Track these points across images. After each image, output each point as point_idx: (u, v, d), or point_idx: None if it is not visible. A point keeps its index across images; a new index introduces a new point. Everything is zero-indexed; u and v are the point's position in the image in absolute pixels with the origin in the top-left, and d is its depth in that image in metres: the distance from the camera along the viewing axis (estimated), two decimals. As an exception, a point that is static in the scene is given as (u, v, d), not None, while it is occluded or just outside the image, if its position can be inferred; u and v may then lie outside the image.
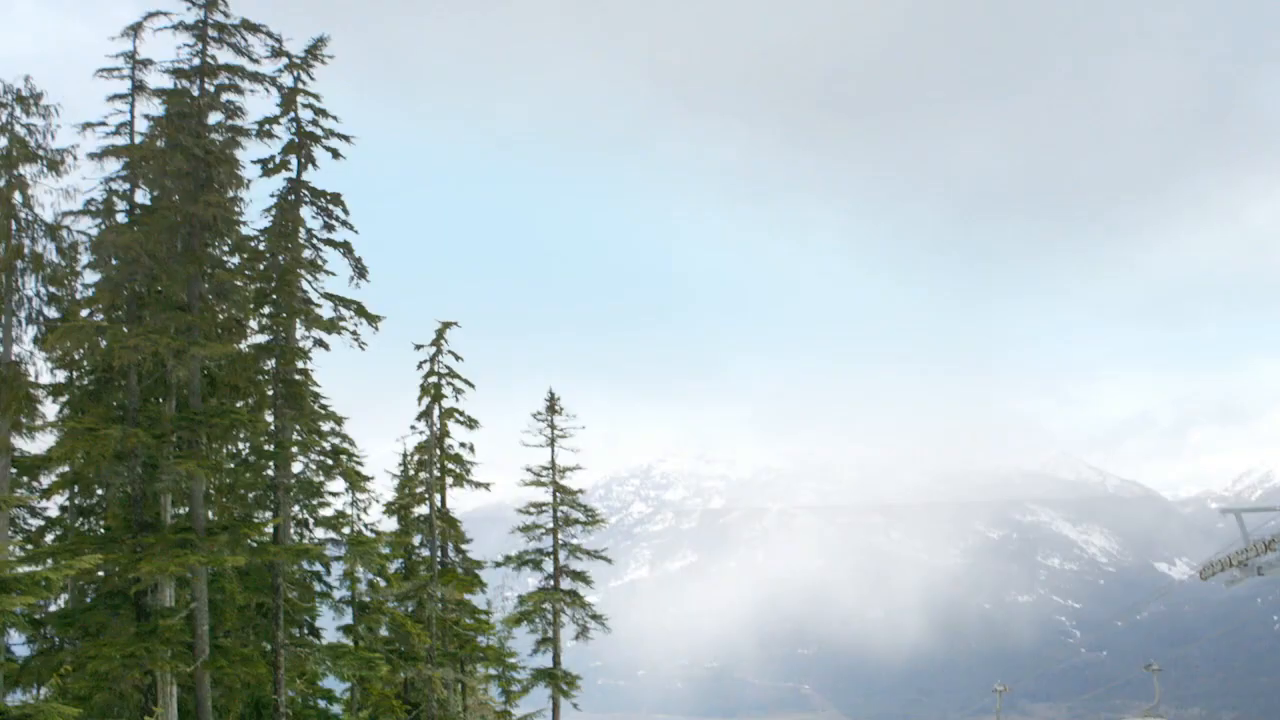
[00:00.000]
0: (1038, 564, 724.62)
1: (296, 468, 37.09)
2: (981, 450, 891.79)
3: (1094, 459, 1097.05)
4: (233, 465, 37.13)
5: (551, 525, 56.63)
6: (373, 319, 37.26)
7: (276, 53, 35.53)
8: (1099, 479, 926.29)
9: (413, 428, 51.44)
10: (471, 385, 51.61)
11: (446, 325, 51.53)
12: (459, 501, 53.00)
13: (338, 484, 38.68)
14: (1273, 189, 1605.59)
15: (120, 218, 34.22)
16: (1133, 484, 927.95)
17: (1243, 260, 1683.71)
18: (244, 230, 35.44)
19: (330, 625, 42.04)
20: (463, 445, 52.35)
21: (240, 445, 37.18)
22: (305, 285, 36.66)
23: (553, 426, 56.16)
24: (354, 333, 37.05)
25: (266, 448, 36.43)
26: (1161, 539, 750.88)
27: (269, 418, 36.56)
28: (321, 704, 42.11)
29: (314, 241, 36.86)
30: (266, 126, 35.74)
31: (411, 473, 51.90)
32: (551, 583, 56.54)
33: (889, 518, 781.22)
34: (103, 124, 33.84)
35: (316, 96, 36.54)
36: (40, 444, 35.92)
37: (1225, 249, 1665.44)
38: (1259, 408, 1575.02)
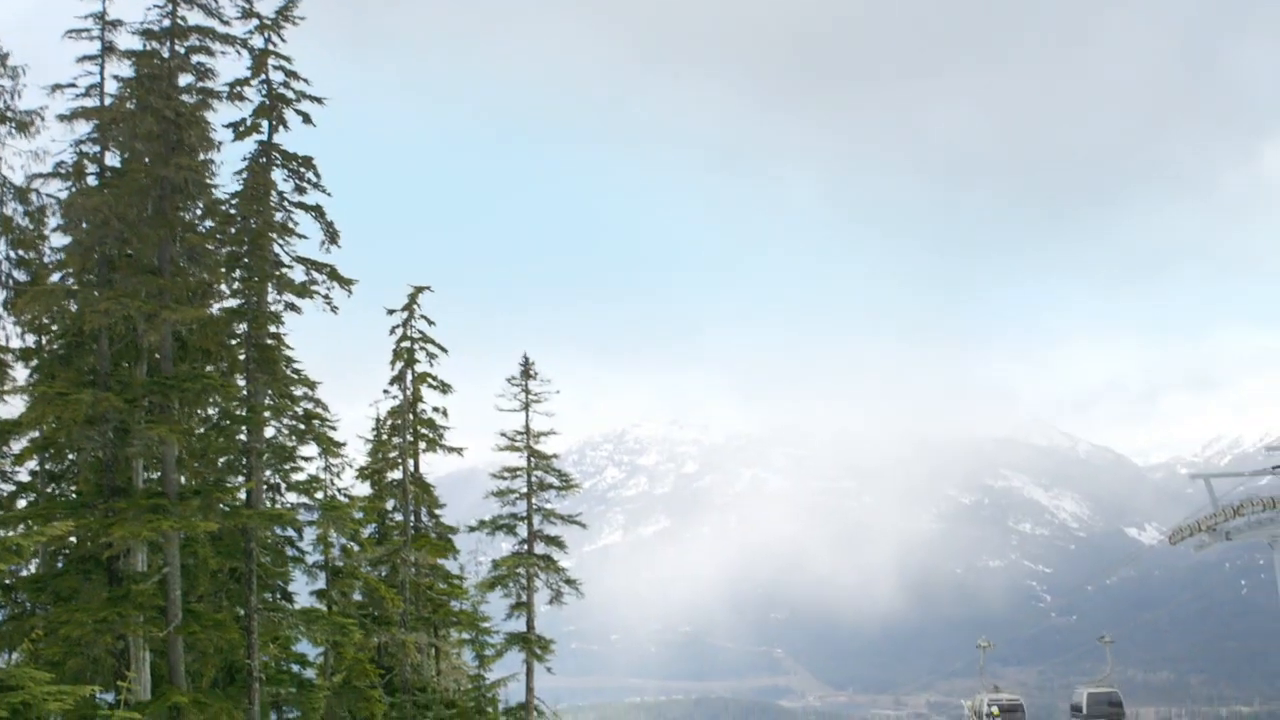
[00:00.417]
0: (1009, 529, 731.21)
1: (269, 432, 36.98)
2: (954, 416, 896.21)
3: (1066, 425, 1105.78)
4: (204, 430, 36.99)
5: (525, 490, 56.66)
6: (345, 283, 37.06)
7: (247, 14, 35.19)
8: (1070, 444, 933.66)
9: (385, 392, 51.40)
10: (444, 350, 51.56)
11: (419, 290, 51.39)
12: (432, 466, 53.04)
13: (310, 449, 38.58)
14: (1246, 157, 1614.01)
15: (90, 180, 33.92)
16: (1104, 450, 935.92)
17: (1216, 228, 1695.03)
18: (215, 193, 35.18)
19: (303, 590, 42.03)
20: (436, 410, 52.34)
21: (212, 410, 37.04)
22: (277, 249, 36.41)
23: (527, 391, 56.13)
24: (326, 297, 36.84)
25: (239, 412, 36.27)
26: (1132, 504, 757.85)
27: (241, 382, 36.41)
28: (295, 668, 42.05)
29: (285, 205, 36.59)
30: (237, 89, 35.40)
31: (384, 437, 51.84)
32: (525, 547, 56.61)
33: (862, 483, 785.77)
34: (72, 85, 33.45)
35: (287, 59, 36.21)
36: (10, 409, 35.76)
37: (1199, 217, 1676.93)
38: (1229, 375, 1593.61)
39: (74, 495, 36.47)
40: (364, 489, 50.68)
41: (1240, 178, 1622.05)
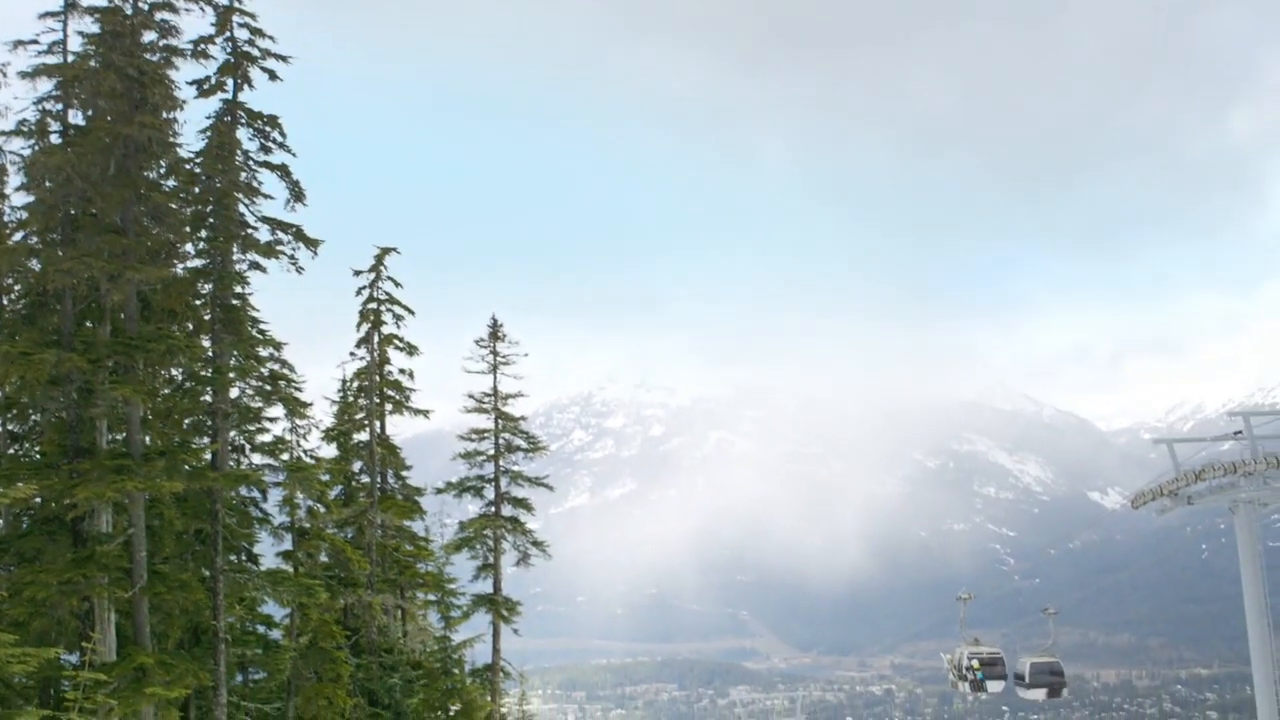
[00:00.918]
0: (974, 493, 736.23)
1: (234, 393, 36.81)
2: (921, 380, 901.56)
3: (1031, 389, 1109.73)
4: (169, 391, 36.81)
5: (493, 452, 56.78)
6: (311, 243, 36.84)
7: (211, -30, 34.84)
8: (1035, 409, 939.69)
9: (352, 354, 51.30)
10: (411, 312, 51.45)
11: (386, 251, 51.21)
12: (399, 428, 53.01)
13: (276, 410, 38.45)
14: (1209, 125, 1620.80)
15: (53, 139, 33.56)
16: (1068, 414, 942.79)
17: (1180, 195, 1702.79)
18: (179, 152, 34.85)
19: (269, 551, 41.97)
20: (402, 372, 52.28)
21: (177, 371, 36.86)
22: (242, 208, 36.16)
23: (495, 353, 56.19)
24: (292, 257, 36.62)
25: (204, 373, 36.12)
26: (1095, 468, 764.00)
27: (206, 343, 36.21)
28: (261, 629, 42.05)
29: (250, 164, 36.30)
30: (202, 46, 35.00)
31: (351, 399, 51.76)
32: (492, 509, 56.74)
33: (828, 447, 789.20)
34: (34, 42, 33.00)
35: (252, 16, 35.86)
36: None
37: (1163, 183, 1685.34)
38: (1193, 340, 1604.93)
39: (38, 456, 36.24)
40: (330, 451, 50.64)
41: (1205, 145, 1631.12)
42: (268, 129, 36.33)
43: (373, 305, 50.95)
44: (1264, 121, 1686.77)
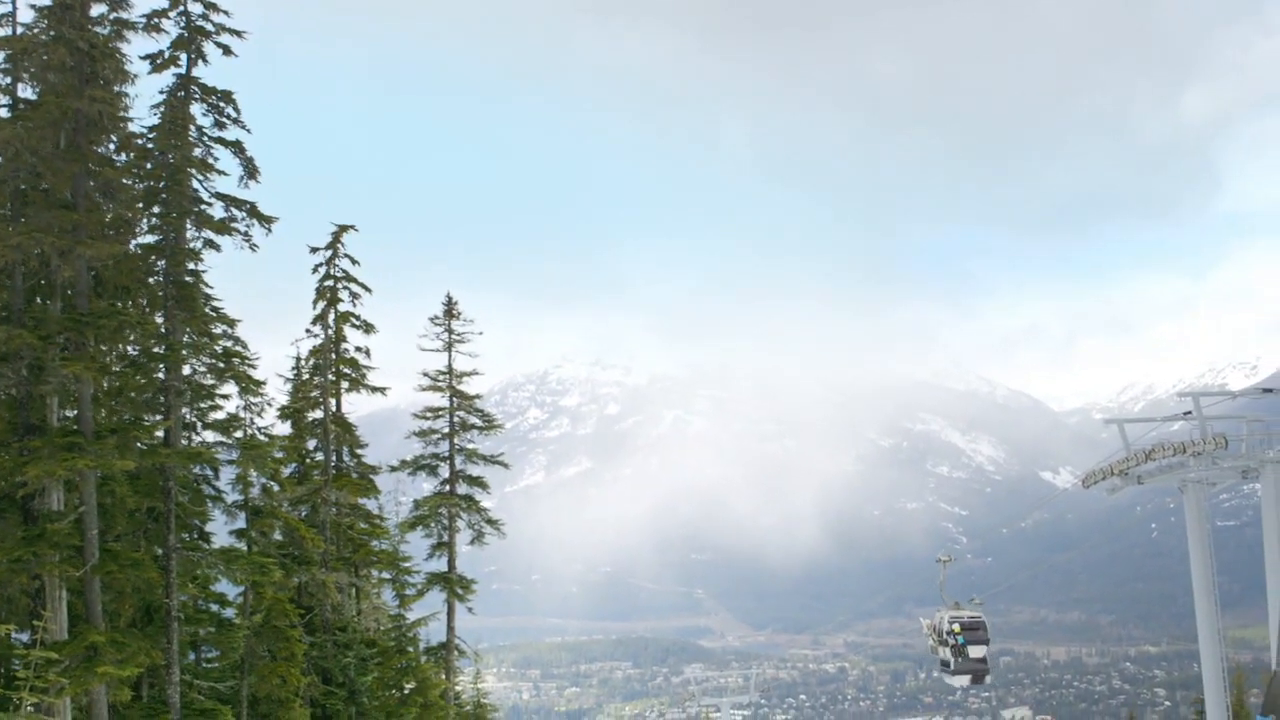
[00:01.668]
0: (927, 472, 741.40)
1: (187, 370, 36.57)
2: (875, 359, 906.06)
3: (985, 369, 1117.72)
4: (122, 368, 36.52)
5: (448, 430, 56.71)
6: (266, 220, 36.60)
7: (164, -57, 34.48)
8: (988, 389, 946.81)
9: (308, 331, 50.95)
10: (368, 289, 51.16)
11: (343, 229, 50.90)
12: (355, 406, 52.73)
13: (230, 387, 38.22)
14: (1164, 106, 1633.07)
15: (2, 112, 33.19)
16: (1021, 394, 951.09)
17: (1135, 176, 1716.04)
18: (132, 127, 34.52)
19: (222, 530, 41.71)
20: (358, 350, 51.99)
21: (130, 348, 36.57)
22: (196, 185, 35.87)
23: (450, 331, 56.09)
24: (246, 234, 36.36)
25: (156, 350, 35.84)
26: (1047, 448, 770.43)
27: (159, 320, 35.94)
28: (214, 608, 41.80)
29: (205, 140, 36.00)
30: (154, 20, 34.61)
31: (306, 377, 51.47)
32: (447, 487, 56.69)
33: (784, 426, 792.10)
34: (-17, 14, 32.67)
35: (206, -11, 35.54)
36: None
37: (1119, 165, 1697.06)
38: (1145, 321, 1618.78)
39: (-13, 433, 35.89)
40: (285, 428, 50.35)
41: (1160, 126, 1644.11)
42: (222, 104, 36.00)
43: (329, 282, 50.65)
44: (1218, 104, 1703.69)
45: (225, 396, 38.61)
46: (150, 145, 35.32)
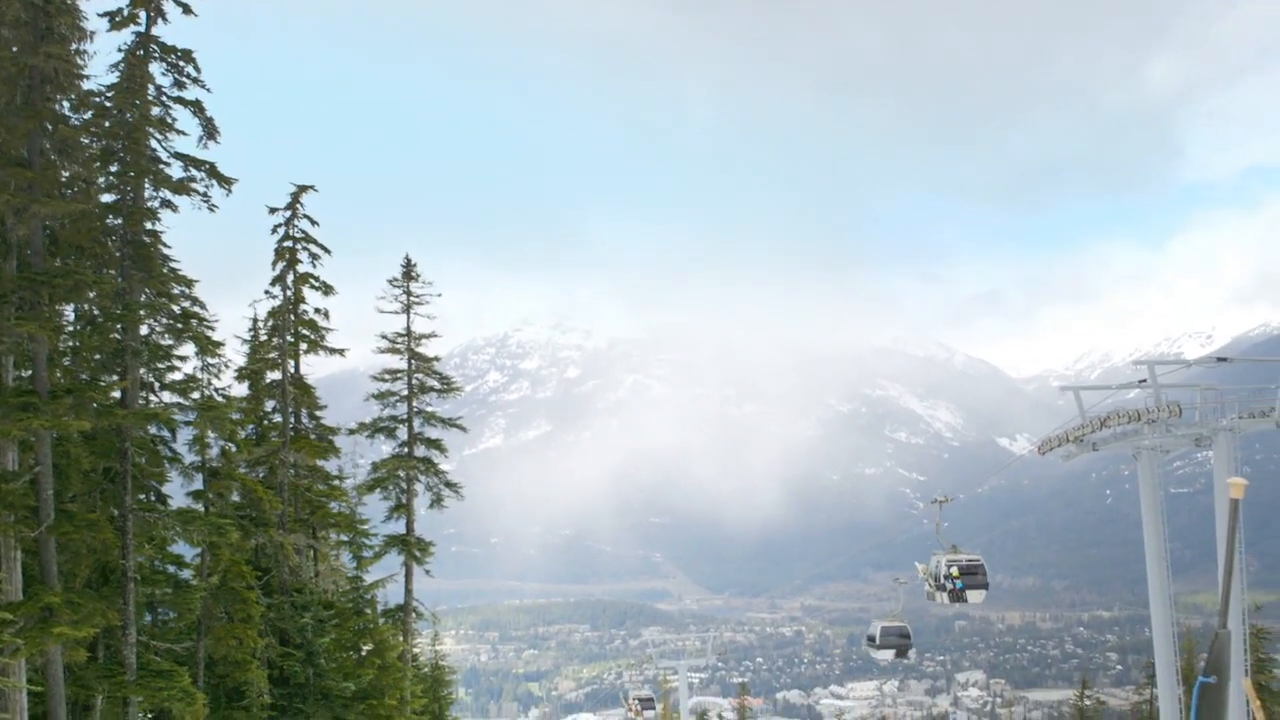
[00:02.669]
0: (886, 438, 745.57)
1: (144, 330, 36.35)
2: (835, 325, 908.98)
3: (944, 336, 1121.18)
4: (79, 327, 36.28)
5: (406, 392, 56.64)
6: (225, 181, 36.35)
7: (122, -102, 34.07)
8: (947, 356, 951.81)
9: (266, 293, 50.71)
10: (327, 251, 50.92)
11: (302, 189, 50.58)
12: (313, 368, 52.56)
13: (187, 348, 38.03)
14: (1127, 76, 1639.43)
15: (-45, 68, 32.79)
16: (979, 361, 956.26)
17: (1097, 145, 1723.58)
18: (89, 85, 34.19)
19: (179, 491, 41.57)
20: (317, 311, 51.75)
21: (88, 307, 36.30)
22: (154, 144, 35.59)
23: (409, 293, 55.98)
24: (205, 194, 36.11)
25: (113, 310, 35.60)
26: (1004, 415, 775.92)
27: (117, 279, 35.68)
28: (171, 569, 41.72)
29: (164, 99, 35.70)
30: (112, -24, 34.34)
31: (264, 338, 51.25)
32: (405, 450, 56.66)
33: (743, 391, 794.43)
34: (-64, -32, 32.19)
35: (164, -53, 35.16)
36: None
37: (1080, 133, 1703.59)
38: (1103, 290, 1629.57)
39: (-59, 392, 35.61)
40: (243, 390, 50.15)
41: (1122, 95, 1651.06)
42: (181, 63, 35.68)
43: (288, 244, 50.36)
44: (1180, 74, 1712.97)
45: (183, 357, 38.45)
46: (108, 104, 35.00)
